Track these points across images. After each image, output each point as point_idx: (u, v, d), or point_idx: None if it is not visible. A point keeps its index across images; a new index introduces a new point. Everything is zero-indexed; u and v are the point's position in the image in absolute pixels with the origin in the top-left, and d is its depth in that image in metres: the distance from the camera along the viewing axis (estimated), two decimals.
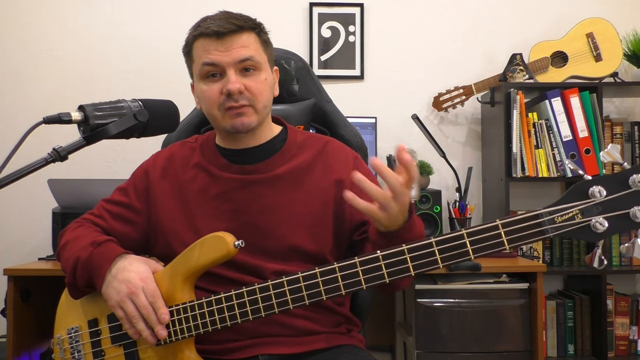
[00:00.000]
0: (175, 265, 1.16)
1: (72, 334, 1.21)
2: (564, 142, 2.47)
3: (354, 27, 2.79)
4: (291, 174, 1.27)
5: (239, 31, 1.20)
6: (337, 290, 1.02)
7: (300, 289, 1.04)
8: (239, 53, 1.20)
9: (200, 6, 2.76)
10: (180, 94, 1.87)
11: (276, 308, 1.06)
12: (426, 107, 2.80)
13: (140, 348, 1.15)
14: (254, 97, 1.22)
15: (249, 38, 1.22)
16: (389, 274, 1.00)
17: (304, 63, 1.80)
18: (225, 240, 1.09)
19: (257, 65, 1.23)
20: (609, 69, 2.63)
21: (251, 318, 1.08)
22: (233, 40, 1.20)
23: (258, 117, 1.24)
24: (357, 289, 1.02)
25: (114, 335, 1.16)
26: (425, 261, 0.99)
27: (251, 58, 1.21)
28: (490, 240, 0.96)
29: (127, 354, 1.15)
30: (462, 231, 0.97)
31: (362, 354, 1.26)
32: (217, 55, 1.20)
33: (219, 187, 1.27)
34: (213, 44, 1.20)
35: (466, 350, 2.01)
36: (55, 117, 0.98)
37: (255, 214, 1.24)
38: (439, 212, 2.49)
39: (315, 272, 1.04)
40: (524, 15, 2.82)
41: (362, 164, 1.35)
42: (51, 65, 2.75)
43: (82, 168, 2.60)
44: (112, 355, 1.16)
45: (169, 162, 1.34)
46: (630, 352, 2.55)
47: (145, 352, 1.14)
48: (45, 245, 2.42)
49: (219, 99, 1.21)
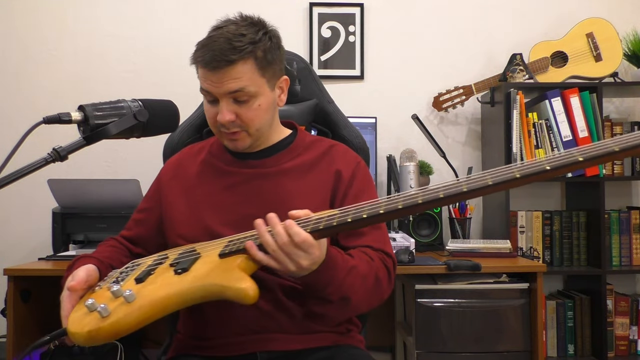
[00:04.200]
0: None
1: (134, 263, 1.19)
2: (564, 142, 2.47)
3: (354, 27, 2.79)
4: (295, 170, 1.30)
5: (231, 64, 1.19)
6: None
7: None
8: (230, 86, 1.20)
9: (200, 7, 2.77)
10: (180, 94, 1.87)
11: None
12: (426, 107, 2.80)
13: (197, 261, 1.07)
14: (245, 124, 1.25)
15: (243, 67, 1.21)
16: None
17: (306, 63, 1.80)
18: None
19: (250, 95, 1.23)
20: (609, 69, 2.63)
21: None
22: (225, 73, 1.20)
23: (252, 139, 1.28)
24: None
25: (179, 258, 1.11)
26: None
27: (242, 89, 1.21)
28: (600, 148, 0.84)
29: (180, 262, 1.07)
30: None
31: (360, 354, 1.26)
32: (210, 85, 1.22)
33: (225, 180, 1.31)
34: (207, 74, 1.22)
35: (466, 350, 2.01)
36: (55, 117, 0.98)
37: (258, 208, 1.25)
38: (439, 212, 2.49)
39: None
40: (524, 15, 2.83)
41: (364, 170, 1.36)
42: (51, 65, 2.75)
43: (82, 168, 2.61)
44: (163, 272, 1.07)
45: (179, 163, 1.41)
46: (630, 352, 2.55)
47: (198, 265, 1.06)
48: (45, 245, 2.42)
49: (215, 123, 1.26)
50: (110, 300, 0.99)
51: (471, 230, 2.54)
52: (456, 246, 2.26)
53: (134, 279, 1.08)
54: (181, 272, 1.03)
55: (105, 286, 1.08)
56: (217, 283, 0.99)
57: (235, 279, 0.98)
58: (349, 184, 1.30)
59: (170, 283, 1.02)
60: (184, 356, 1.25)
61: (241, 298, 0.96)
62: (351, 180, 1.30)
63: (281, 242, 0.99)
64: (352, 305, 1.16)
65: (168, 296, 0.99)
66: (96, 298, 1.00)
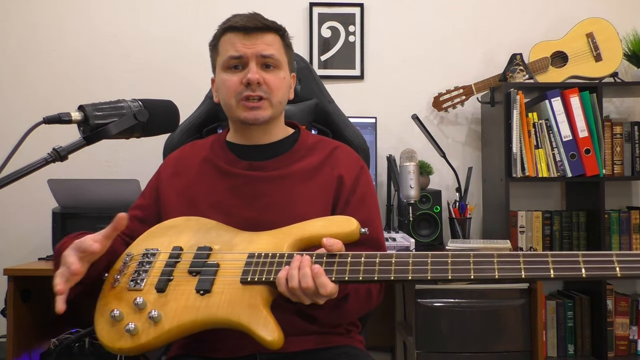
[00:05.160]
0: (290, 228, 1.16)
1: (148, 254, 1.18)
2: (564, 142, 2.47)
3: (354, 27, 2.79)
4: (298, 174, 1.30)
5: (265, 30, 1.29)
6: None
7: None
8: (263, 48, 1.28)
9: (201, 7, 2.77)
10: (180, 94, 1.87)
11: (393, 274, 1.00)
12: (426, 107, 2.80)
13: (218, 279, 1.09)
14: (271, 90, 1.28)
15: (274, 38, 1.30)
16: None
17: (306, 63, 1.80)
18: (353, 222, 1.10)
19: (278, 64, 1.30)
20: (609, 69, 2.63)
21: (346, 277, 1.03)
22: (258, 37, 1.28)
23: (272, 111, 1.30)
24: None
25: (195, 262, 1.12)
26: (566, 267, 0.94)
27: (273, 56, 1.29)
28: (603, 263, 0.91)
29: (202, 280, 1.09)
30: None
31: (360, 354, 1.26)
32: (242, 47, 1.27)
33: (226, 182, 1.30)
34: (240, 38, 1.28)
35: (466, 350, 2.01)
36: (55, 117, 0.98)
37: (258, 211, 1.26)
38: (439, 212, 2.49)
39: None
40: (524, 15, 2.82)
41: (366, 176, 1.36)
42: (51, 65, 2.75)
43: (82, 168, 2.60)
44: (182, 281, 1.10)
45: (179, 160, 1.39)
46: (630, 352, 2.55)
47: (221, 285, 1.08)
48: (45, 245, 2.42)
49: (238, 88, 1.28)
50: (135, 313, 1.06)
51: (471, 230, 2.54)
52: (456, 246, 2.26)
53: (154, 287, 1.10)
54: (203, 293, 1.07)
55: (126, 286, 1.12)
56: (243, 324, 1.03)
57: (263, 325, 1.03)
58: (352, 190, 1.30)
59: (195, 307, 1.06)
60: (184, 357, 1.25)
61: (267, 346, 1.02)
62: (354, 187, 1.30)
63: (306, 287, 1.00)
64: (341, 314, 1.21)
65: (195, 322, 1.05)
66: (120, 307, 1.07)
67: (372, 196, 1.34)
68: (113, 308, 1.07)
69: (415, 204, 2.26)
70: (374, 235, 1.28)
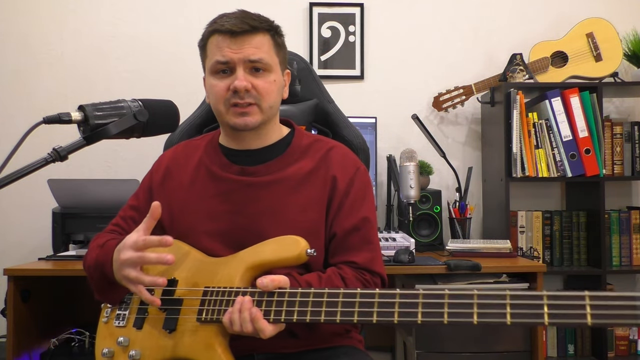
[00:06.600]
0: (243, 253, 1.17)
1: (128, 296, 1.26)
2: (564, 142, 2.47)
3: (354, 27, 2.79)
4: (291, 179, 1.27)
5: (252, 32, 1.23)
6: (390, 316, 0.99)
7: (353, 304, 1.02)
8: (251, 52, 1.22)
9: (201, 7, 2.77)
10: (180, 94, 1.87)
11: (322, 316, 1.03)
12: (426, 107, 2.80)
13: (181, 317, 1.16)
14: (260, 95, 1.24)
15: (263, 39, 1.24)
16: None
17: (306, 64, 1.80)
18: (300, 244, 1.12)
19: (267, 67, 1.25)
20: (609, 69, 2.63)
21: (295, 319, 1.06)
22: (246, 40, 1.22)
23: (262, 117, 1.25)
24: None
25: (163, 299, 1.17)
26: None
27: (261, 60, 1.23)
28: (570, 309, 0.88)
29: (167, 319, 1.17)
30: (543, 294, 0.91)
31: (359, 354, 1.26)
32: (229, 52, 1.22)
33: (218, 187, 1.28)
34: (226, 42, 1.22)
35: (466, 350, 2.01)
36: (55, 117, 0.98)
37: (251, 217, 1.24)
38: (439, 212, 2.49)
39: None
40: (524, 15, 2.83)
41: (362, 177, 1.32)
42: (51, 65, 2.75)
43: (82, 168, 2.61)
44: (155, 317, 1.19)
45: (173, 161, 1.36)
46: (630, 352, 2.55)
47: (184, 323, 1.15)
48: (45, 245, 2.42)
49: (226, 95, 1.23)
50: (121, 352, 1.18)
51: (471, 230, 2.54)
52: (456, 246, 2.26)
53: (132, 324, 1.20)
54: (170, 332, 1.15)
55: (113, 323, 1.23)
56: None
57: None
58: (345, 193, 1.27)
59: (164, 347, 1.15)
60: None
61: None
62: (348, 189, 1.27)
63: (247, 332, 1.05)
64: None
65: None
66: (111, 344, 1.20)
67: (368, 197, 1.31)
68: (104, 346, 1.20)
69: (415, 204, 2.26)
70: (367, 238, 1.26)
